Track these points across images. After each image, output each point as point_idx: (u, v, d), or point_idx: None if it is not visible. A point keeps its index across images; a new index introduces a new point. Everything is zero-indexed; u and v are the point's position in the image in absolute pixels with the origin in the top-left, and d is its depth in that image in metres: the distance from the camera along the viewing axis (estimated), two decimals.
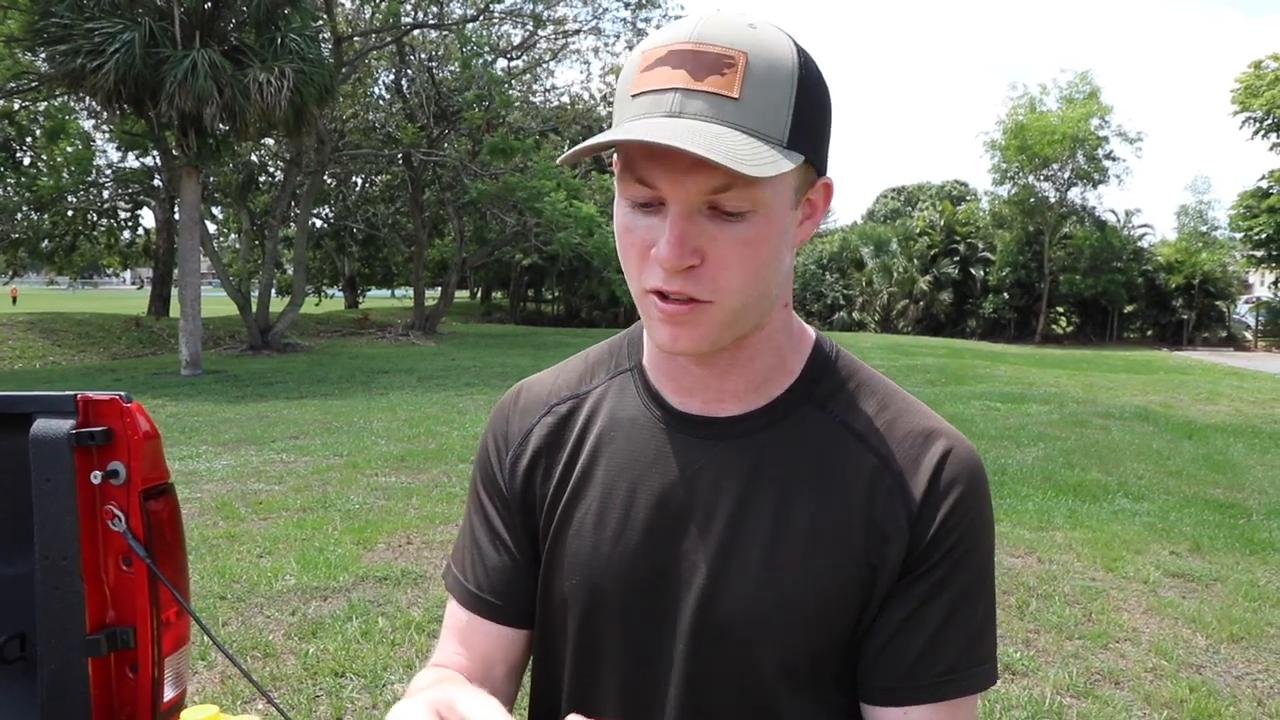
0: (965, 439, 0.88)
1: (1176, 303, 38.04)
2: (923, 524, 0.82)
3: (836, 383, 0.89)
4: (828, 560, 0.82)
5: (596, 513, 0.89)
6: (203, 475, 7.46)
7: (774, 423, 0.86)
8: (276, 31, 15.96)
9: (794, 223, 0.80)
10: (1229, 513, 7.00)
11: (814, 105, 0.76)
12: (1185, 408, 13.00)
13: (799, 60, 0.76)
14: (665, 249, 0.74)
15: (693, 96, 0.72)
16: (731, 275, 0.76)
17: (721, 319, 0.78)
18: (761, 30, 0.75)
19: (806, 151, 0.76)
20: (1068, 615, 4.69)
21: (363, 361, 18.63)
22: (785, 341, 0.88)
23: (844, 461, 0.85)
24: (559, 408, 0.96)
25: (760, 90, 0.73)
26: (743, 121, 0.72)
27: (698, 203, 0.74)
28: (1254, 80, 35.27)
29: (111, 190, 27.02)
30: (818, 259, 42.86)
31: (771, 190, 0.75)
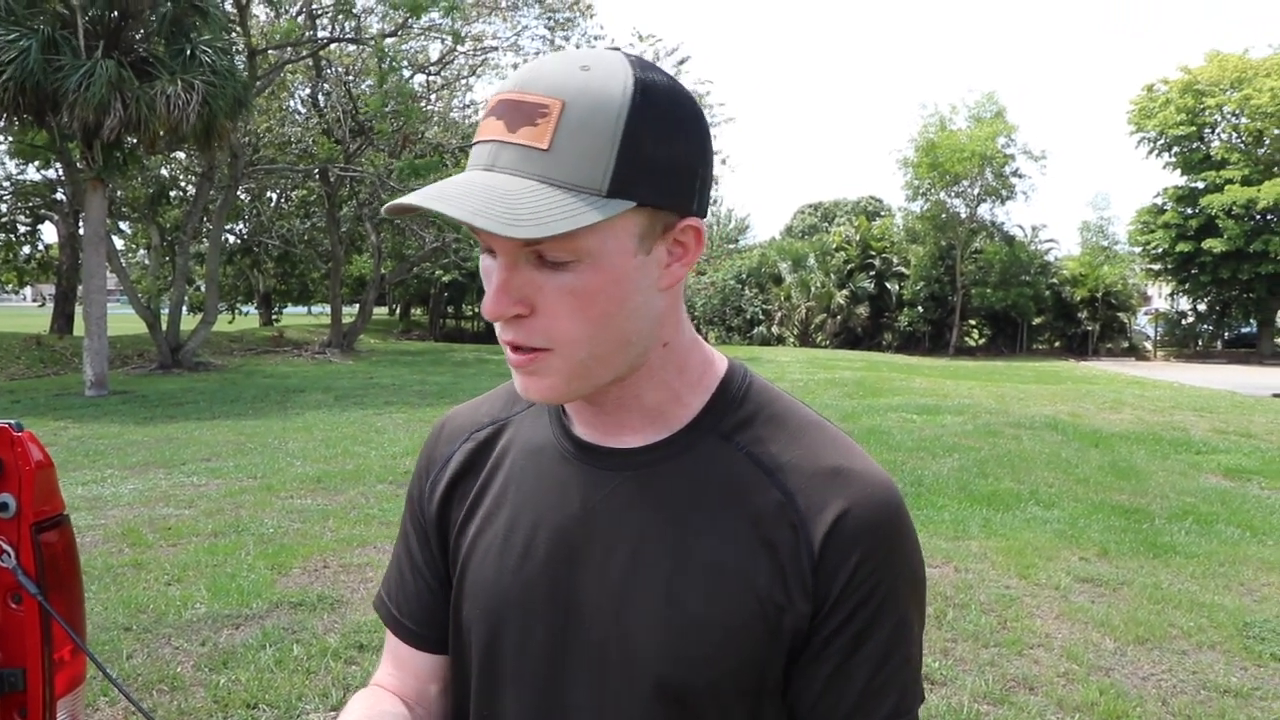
0: (882, 478, 0.83)
1: (1081, 315, 39.36)
2: (827, 574, 0.79)
3: (745, 415, 0.86)
4: (729, 594, 0.80)
5: (501, 540, 0.89)
6: (108, 500, 7.19)
7: (676, 454, 0.84)
8: (186, 43, 15.56)
9: (652, 267, 0.77)
10: (1134, 518, 7.24)
11: (658, 146, 0.74)
12: (1091, 416, 13.44)
13: (633, 103, 0.72)
14: (487, 300, 0.75)
15: (505, 149, 0.72)
16: (564, 326, 0.75)
17: (567, 369, 0.78)
18: (594, 72, 0.73)
19: (642, 196, 0.73)
20: (984, 623, 4.79)
21: (278, 380, 18.20)
22: (675, 378, 0.85)
23: (748, 495, 0.82)
24: (479, 434, 0.96)
25: (575, 139, 0.71)
26: (551, 173, 0.71)
27: (520, 252, 0.74)
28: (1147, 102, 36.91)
29: (10, 203, 25.99)
30: (737, 274, 43.30)
31: (599, 239, 0.73)
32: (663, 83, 0.75)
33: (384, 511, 6.87)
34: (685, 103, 0.76)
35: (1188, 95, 35.39)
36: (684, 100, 0.76)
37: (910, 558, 0.83)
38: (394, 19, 23.40)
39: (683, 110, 0.76)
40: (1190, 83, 35.49)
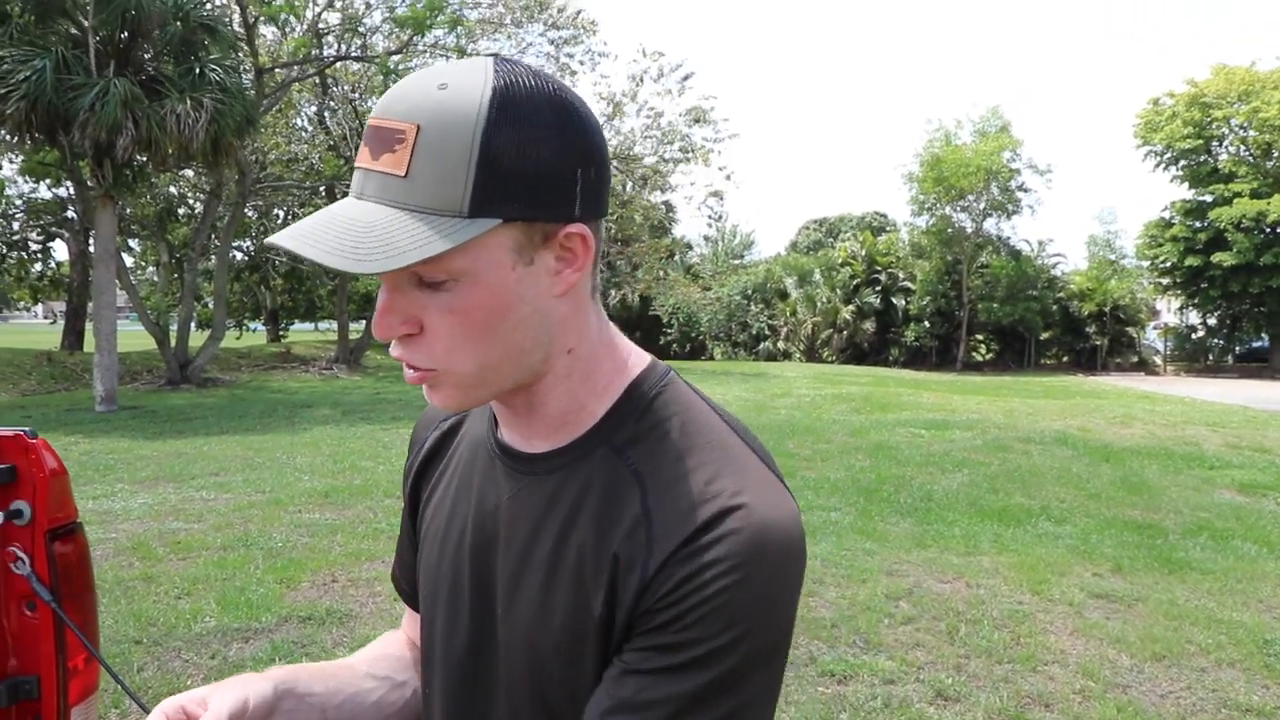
0: (767, 508, 0.77)
1: (1090, 329, 39.23)
2: (656, 583, 0.76)
3: (642, 428, 0.84)
4: (582, 606, 0.80)
5: (444, 528, 0.95)
6: (118, 514, 7.18)
7: (571, 463, 0.85)
8: (195, 61, 15.66)
9: (538, 276, 0.77)
10: (1147, 533, 7.19)
11: (520, 157, 0.72)
12: (1102, 431, 13.37)
13: (489, 116, 0.72)
14: (373, 322, 0.77)
15: (370, 177, 0.74)
16: (447, 344, 0.77)
17: (459, 382, 0.79)
18: (450, 90, 0.73)
19: (508, 212, 0.73)
20: (997, 639, 4.75)
21: (286, 396, 18.21)
22: (580, 386, 0.85)
23: (620, 512, 0.80)
24: (444, 423, 1.02)
25: (431, 163, 0.71)
26: (410, 200, 0.72)
27: (399, 276, 0.75)
28: (1153, 116, 36.86)
29: (22, 221, 26.13)
30: (743, 290, 43.28)
31: (469, 258, 0.73)
32: (525, 89, 0.74)
33: (391, 526, 6.86)
34: (552, 106, 0.75)
35: (1194, 108, 35.34)
36: (551, 104, 0.75)
37: (758, 599, 0.75)
38: (399, 37, 23.54)
39: (547, 115, 0.74)
40: (1196, 96, 35.44)
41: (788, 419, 14.38)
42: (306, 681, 0.94)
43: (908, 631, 4.85)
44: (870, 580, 5.69)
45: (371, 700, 1.01)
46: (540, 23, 25.81)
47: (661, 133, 29.73)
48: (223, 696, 0.83)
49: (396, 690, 1.05)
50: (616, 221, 37.16)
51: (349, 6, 23.61)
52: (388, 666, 1.06)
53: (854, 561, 6.12)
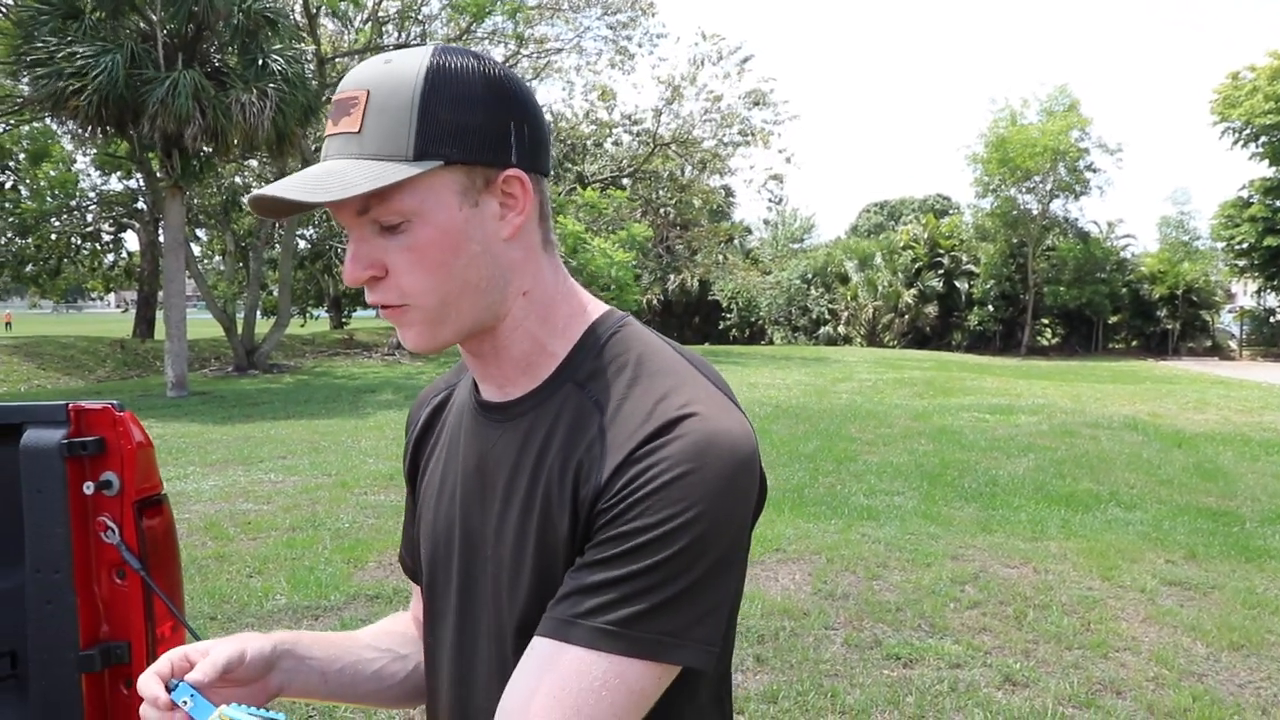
0: (714, 420, 0.84)
1: (1161, 313, 38.27)
2: (606, 489, 0.83)
3: (601, 363, 0.91)
4: (554, 515, 0.87)
5: (436, 489, 1.03)
6: (190, 496, 7.37)
7: (541, 403, 0.92)
8: (259, 53, 15.94)
9: (484, 219, 0.87)
10: (1223, 521, 7.00)
11: (458, 113, 0.84)
12: (1174, 417, 13.04)
13: (427, 79, 0.83)
14: (345, 268, 0.87)
15: (333, 140, 0.86)
16: (409, 280, 0.86)
17: (426, 318, 0.88)
18: (395, 64, 0.85)
19: (449, 155, 0.83)
20: (1066, 625, 4.67)
21: (349, 381, 18.53)
22: (538, 327, 0.93)
23: (582, 434, 0.88)
24: (436, 399, 1.11)
25: (379, 119, 0.83)
26: (364, 150, 0.83)
27: (361, 225, 0.86)
28: (1232, 91, 35.63)
29: (95, 213, 26.89)
30: (803, 274, 42.96)
31: (418, 198, 0.84)
32: (458, 63, 0.85)
33: None
34: (484, 76, 0.86)
35: (1277, 82, 34.10)
36: (483, 74, 0.86)
37: (699, 494, 0.80)
38: (458, 23, 23.70)
39: (479, 82, 0.85)
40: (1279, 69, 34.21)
41: (849, 403, 14.25)
42: (308, 645, 1.01)
43: (974, 616, 4.78)
44: (935, 564, 5.62)
45: (372, 670, 1.08)
46: (598, 6, 25.79)
47: (721, 116, 29.58)
48: (221, 648, 0.92)
49: (398, 662, 1.12)
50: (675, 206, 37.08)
51: None
52: (391, 640, 1.14)
53: (918, 545, 6.05)
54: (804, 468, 8.79)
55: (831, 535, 6.30)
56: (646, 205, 36.18)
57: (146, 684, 0.90)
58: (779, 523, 6.58)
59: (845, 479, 8.34)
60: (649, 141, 29.97)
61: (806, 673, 4.03)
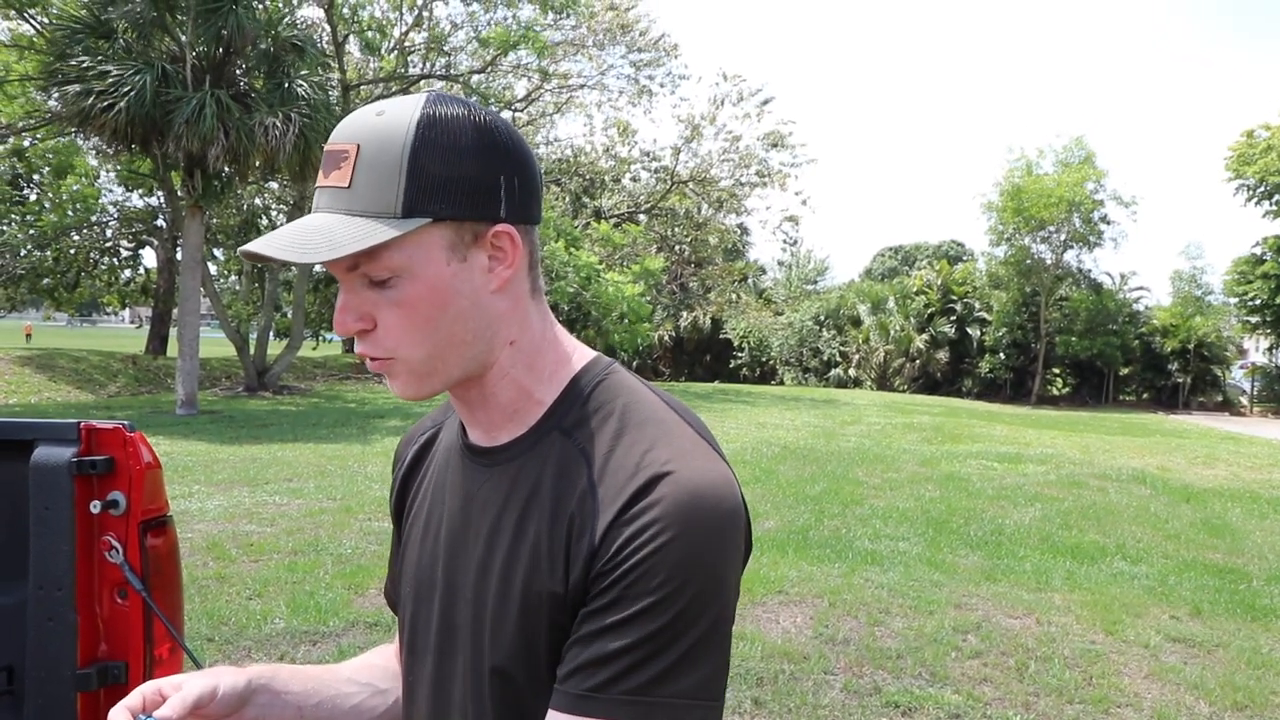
0: (699, 474, 0.86)
1: (1172, 366, 38.06)
2: (600, 552, 0.84)
3: (586, 411, 0.92)
4: (540, 578, 0.87)
5: (422, 526, 1.03)
6: (194, 515, 7.38)
7: (527, 450, 0.93)
8: (284, 77, 16.16)
9: (474, 271, 0.88)
10: (1229, 578, 6.94)
11: (448, 168, 0.84)
12: (1182, 471, 12.96)
13: (417, 134, 0.84)
14: (335, 318, 0.88)
15: (323, 193, 0.86)
16: (397, 335, 0.87)
17: (412, 369, 0.89)
18: (387, 116, 0.85)
19: (437, 212, 0.84)
20: (1068, 679, 4.62)
21: (359, 406, 18.57)
22: (524, 375, 0.94)
23: (571, 486, 0.89)
24: (423, 437, 1.11)
25: (369, 174, 0.84)
26: (353, 206, 0.84)
27: (352, 278, 0.87)
28: (1246, 148, 35.69)
29: (115, 229, 27.14)
30: (815, 315, 42.95)
31: (406, 255, 0.84)
32: (449, 114, 0.86)
33: None
34: (476, 127, 0.86)
35: None
36: (474, 125, 0.86)
37: (693, 554, 0.83)
38: (483, 56, 23.98)
39: (470, 134, 0.86)
40: None
41: (857, 446, 14.21)
42: (285, 680, 1.01)
43: (975, 666, 4.75)
44: (938, 612, 5.59)
45: (350, 705, 1.08)
46: (622, 45, 26.07)
47: (739, 156, 29.76)
48: (193, 683, 0.92)
49: (377, 697, 1.11)
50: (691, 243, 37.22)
51: (435, 26, 24.13)
52: (371, 675, 1.13)
53: (921, 592, 6.01)
54: (809, 510, 8.76)
55: (835, 579, 6.26)
56: (662, 242, 36.33)
57: (116, 717, 0.89)
58: (782, 564, 6.55)
59: (850, 522, 8.31)
60: (666, 179, 30.16)
61: (804, 717, 4.00)
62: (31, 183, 25.74)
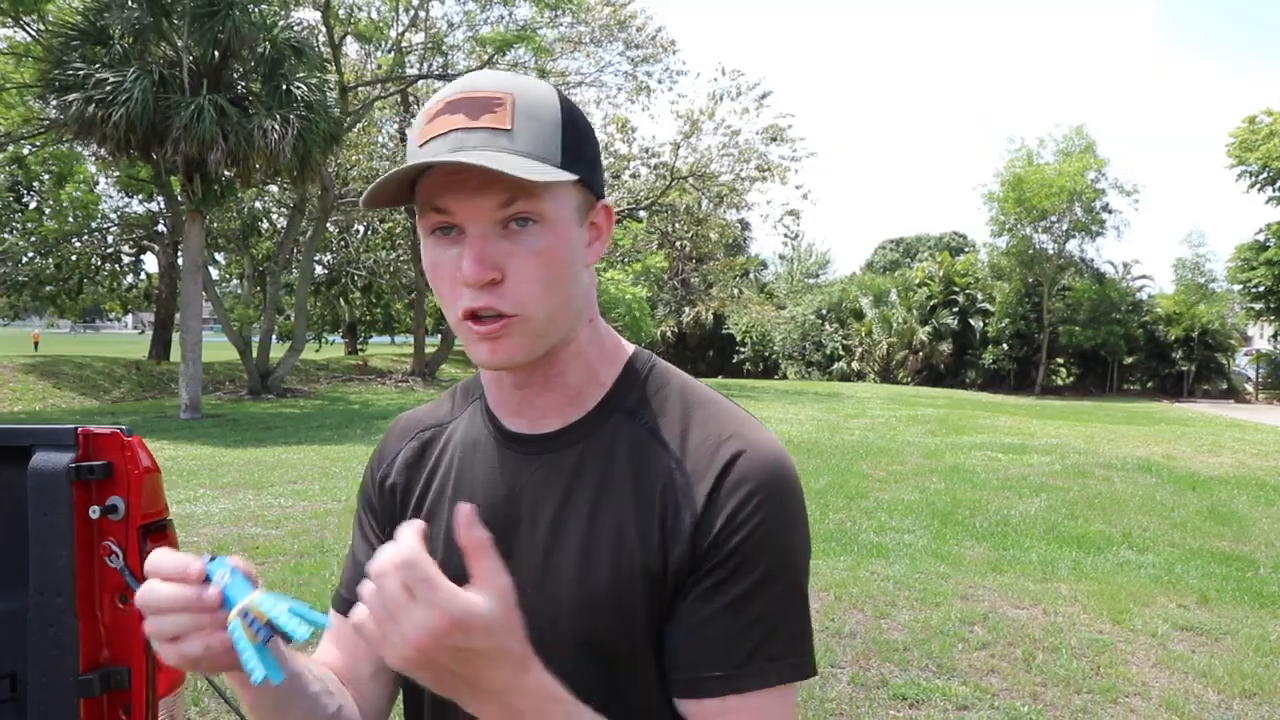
0: (769, 447, 0.90)
1: (1176, 355, 38.05)
2: (705, 526, 0.87)
3: (647, 392, 0.95)
4: (628, 557, 0.88)
5: (445, 529, 0.95)
6: (200, 519, 7.39)
7: (588, 434, 0.93)
8: (283, 80, 16.16)
9: (582, 241, 0.90)
10: (1236, 565, 6.92)
11: (581, 139, 0.88)
12: (1188, 459, 12.93)
13: (562, 101, 0.88)
14: (467, 266, 0.83)
15: (471, 133, 0.83)
16: (530, 286, 0.85)
17: (529, 329, 0.87)
18: (524, 78, 0.88)
19: (581, 173, 0.87)
20: (1075, 668, 4.61)
21: (362, 407, 18.59)
22: (596, 355, 0.95)
23: (648, 465, 0.90)
24: (423, 434, 1.06)
25: (529, 122, 0.84)
26: (517, 147, 0.83)
27: (491, 222, 0.84)
28: (1248, 135, 35.62)
29: (115, 235, 27.18)
30: (817, 309, 42.95)
31: (554, 205, 0.85)
32: (568, 97, 0.90)
33: None
34: (584, 114, 0.91)
35: None
36: (583, 112, 0.91)
37: (789, 523, 0.89)
38: (481, 55, 23.97)
39: (586, 117, 0.91)
40: None
41: (861, 439, 14.20)
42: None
43: (982, 657, 4.74)
44: (944, 604, 5.58)
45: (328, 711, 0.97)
46: (619, 41, 26.05)
47: (739, 151, 29.71)
48: None
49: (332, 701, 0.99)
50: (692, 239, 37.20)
51: (433, 26, 24.12)
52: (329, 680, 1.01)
53: (927, 584, 6.00)
54: (815, 503, 8.75)
55: (840, 572, 6.26)
56: (663, 238, 36.32)
57: (168, 556, 0.79)
58: None
59: (856, 515, 8.30)
60: (666, 175, 30.18)
61: (812, 711, 4.00)
62: (31, 190, 25.77)
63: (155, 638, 0.79)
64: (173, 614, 0.78)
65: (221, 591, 0.77)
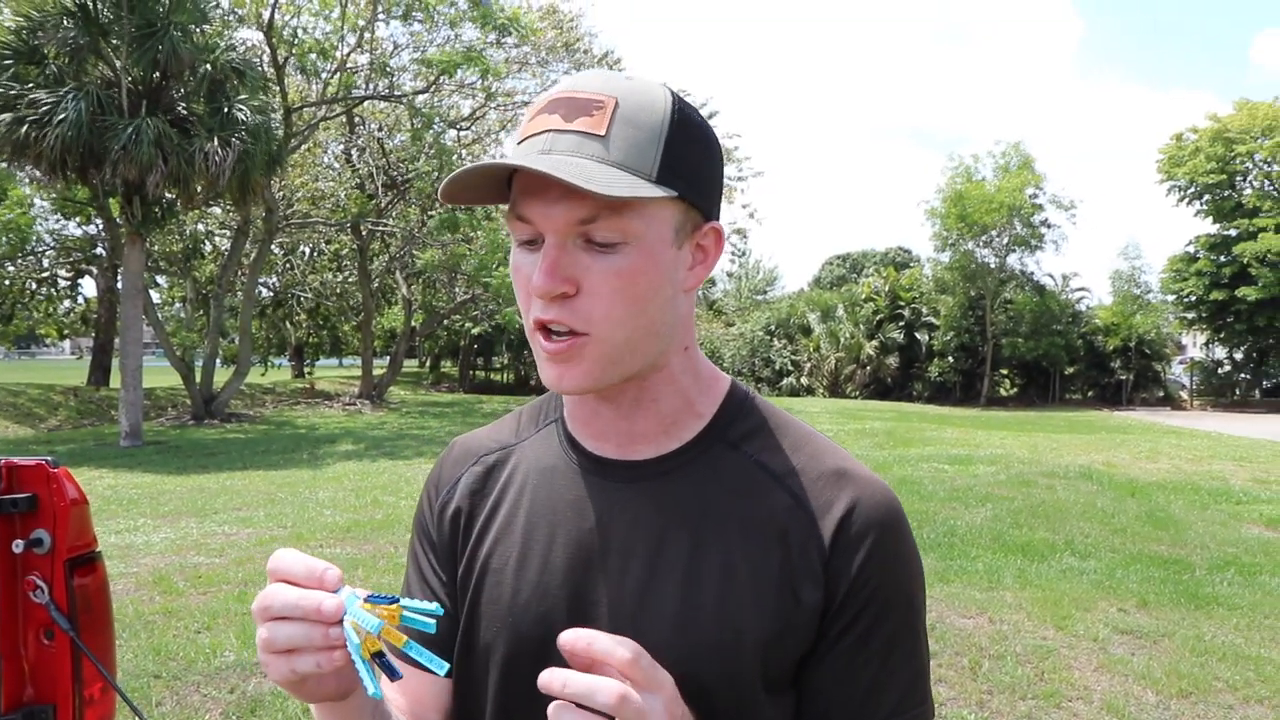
0: (880, 480, 0.88)
1: (1115, 364, 38.86)
2: (837, 570, 0.83)
3: (751, 425, 0.90)
4: (743, 595, 0.83)
5: (517, 560, 0.90)
6: (140, 549, 7.23)
7: (687, 464, 0.88)
8: (225, 102, 15.95)
9: (681, 264, 0.84)
10: (1173, 568, 7.09)
11: (692, 150, 0.82)
12: (1127, 466, 13.22)
13: (674, 108, 0.81)
14: (538, 276, 0.78)
15: (563, 135, 0.78)
16: (606, 306, 0.79)
17: (602, 353, 0.81)
18: (638, 82, 0.82)
19: (680, 190, 0.80)
20: (1020, 675, 4.69)
21: (309, 431, 18.32)
22: (691, 384, 0.90)
23: (759, 500, 0.86)
24: (487, 458, 0.99)
25: (627, 129, 0.78)
26: (608, 155, 0.77)
27: (570, 233, 0.79)
28: (1176, 151, 36.72)
29: (51, 258, 26.56)
30: (766, 325, 43.24)
31: (645, 223, 0.79)
32: (689, 105, 0.84)
33: None
34: (708, 125, 0.85)
35: (1218, 144, 35.17)
36: (706, 123, 0.85)
37: (912, 558, 0.88)
38: (427, 76, 23.87)
39: (710, 130, 0.85)
40: (1220, 131, 35.29)
41: None
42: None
43: (930, 667, 4.79)
44: None
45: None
46: (566, 61, 26.10)
47: None
48: None
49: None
50: None
51: (378, 47, 23.99)
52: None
53: None
54: None
55: None
56: None
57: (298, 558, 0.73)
58: None
59: None
60: None
61: None
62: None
63: (266, 648, 0.72)
64: (294, 623, 0.71)
65: (343, 604, 0.71)
